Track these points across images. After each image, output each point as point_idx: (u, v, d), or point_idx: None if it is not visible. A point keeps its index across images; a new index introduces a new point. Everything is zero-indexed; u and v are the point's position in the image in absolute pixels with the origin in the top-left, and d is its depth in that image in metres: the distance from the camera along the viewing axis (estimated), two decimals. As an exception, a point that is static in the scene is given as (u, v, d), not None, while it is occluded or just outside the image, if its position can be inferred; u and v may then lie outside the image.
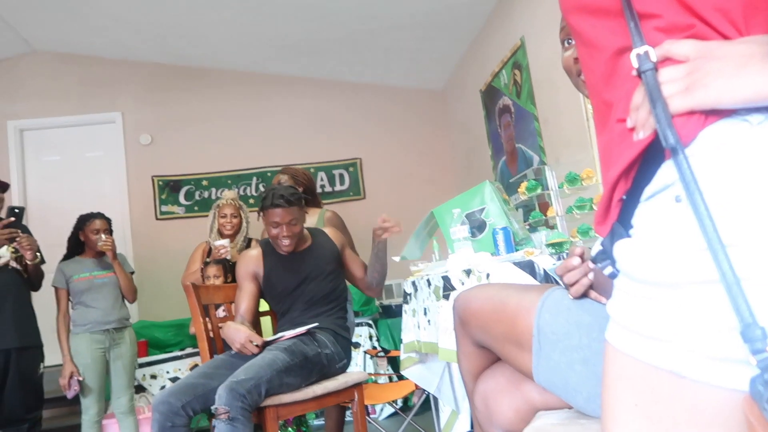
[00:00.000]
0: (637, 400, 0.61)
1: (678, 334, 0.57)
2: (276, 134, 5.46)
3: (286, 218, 2.20)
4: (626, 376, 0.62)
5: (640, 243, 0.63)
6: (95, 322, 3.17)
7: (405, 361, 2.32)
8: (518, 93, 3.93)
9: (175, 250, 4.71)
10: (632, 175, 0.67)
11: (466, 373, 1.29)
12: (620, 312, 0.65)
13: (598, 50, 0.70)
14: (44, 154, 5.22)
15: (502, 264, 1.75)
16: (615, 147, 0.68)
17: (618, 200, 0.69)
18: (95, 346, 3.15)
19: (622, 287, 0.66)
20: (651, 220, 0.63)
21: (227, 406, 1.75)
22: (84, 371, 3.11)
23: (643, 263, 0.62)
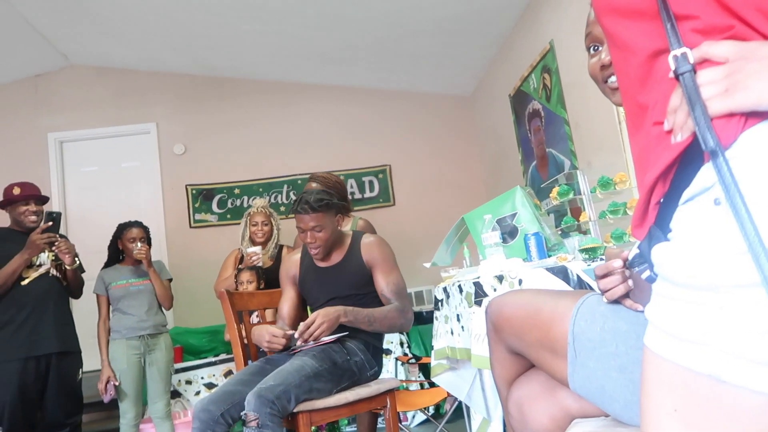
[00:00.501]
0: (676, 405, 0.60)
1: (718, 337, 0.56)
2: (306, 142, 5.52)
3: (310, 224, 2.21)
4: (665, 381, 0.61)
5: (679, 246, 0.62)
6: (130, 328, 3.24)
7: (435, 367, 2.31)
8: (548, 97, 3.90)
9: (209, 257, 4.79)
10: (670, 178, 0.66)
11: (500, 380, 1.28)
12: (659, 316, 0.64)
13: (633, 53, 0.70)
14: (83, 164, 5.38)
15: (534, 270, 1.73)
16: (652, 150, 0.67)
17: (655, 203, 0.68)
18: (131, 352, 3.22)
19: (661, 291, 0.65)
20: (690, 223, 0.62)
21: (256, 412, 1.77)
22: (120, 376, 3.18)
23: (682, 266, 0.61)
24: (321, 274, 2.33)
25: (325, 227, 2.22)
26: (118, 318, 3.27)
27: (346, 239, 2.36)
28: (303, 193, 2.28)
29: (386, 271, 2.27)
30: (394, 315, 2.20)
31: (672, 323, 0.61)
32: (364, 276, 2.28)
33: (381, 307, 2.21)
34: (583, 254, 1.79)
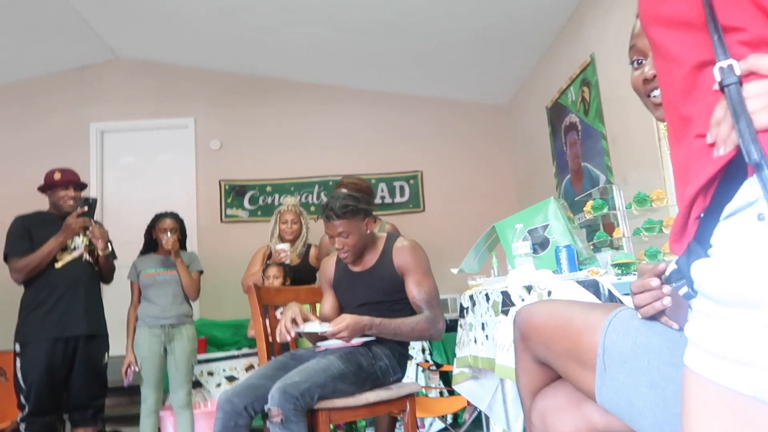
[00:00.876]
0: (719, 427, 0.58)
1: (761, 356, 0.55)
2: (339, 144, 5.56)
3: (337, 230, 2.20)
4: (707, 403, 0.60)
5: (720, 263, 0.61)
6: (154, 317, 3.30)
7: (457, 376, 2.29)
8: (586, 110, 3.85)
9: (238, 252, 4.85)
10: (711, 192, 0.65)
11: (524, 390, 1.26)
12: (700, 335, 0.62)
13: (678, 64, 0.68)
14: (121, 155, 5.52)
15: (564, 282, 1.71)
16: (693, 163, 0.66)
17: (695, 218, 0.66)
18: (153, 340, 3.28)
19: (701, 309, 0.64)
20: (732, 238, 0.61)
21: (279, 407, 1.78)
22: (142, 363, 3.24)
23: (724, 283, 0.59)
24: (353, 279, 2.32)
25: (353, 233, 2.20)
26: (144, 306, 3.34)
27: (379, 243, 2.33)
28: (330, 199, 2.26)
29: (418, 278, 2.22)
30: (423, 327, 2.17)
31: (713, 342, 0.60)
32: (395, 282, 2.25)
33: (410, 319, 2.18)
34: (616, 269, 1.75)
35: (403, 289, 2.24)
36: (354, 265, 2.33)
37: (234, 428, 1.90)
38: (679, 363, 0.96)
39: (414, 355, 3.94)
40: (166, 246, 3.29)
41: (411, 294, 2.21)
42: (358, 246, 2.24)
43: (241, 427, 1.90)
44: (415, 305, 2.22)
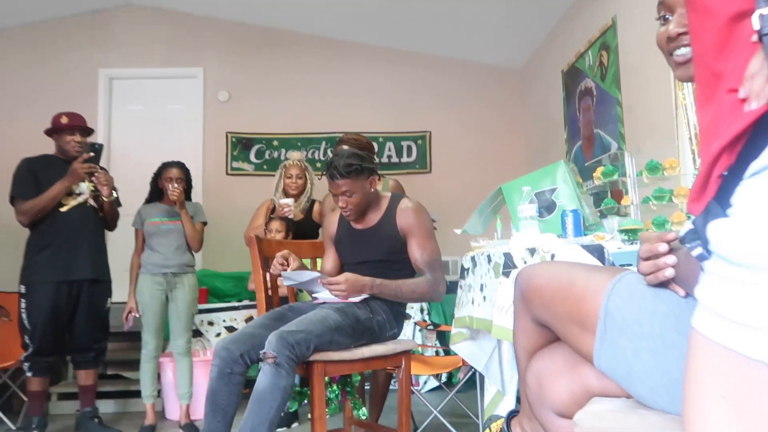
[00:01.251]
0: (725, 392, 0.56)
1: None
2: (349, 101, 5.47)
3: (339, 189, 2.18)
4: (714, 366, 0.58)
5: (741, 222, 0.58)
6: (156, 265, 3.32)
7: (455, 336, 2.30)
8: (603, 76, 3.75)
9: (242, 205, 4.83)
10: (737, 149, 0.61)
11: (521, 350, 1.25)
12: (710, 297, 0.59)
13: (712, 16, 0.64)
14: (129, 103, 5.46)
15: (569, 246, 1.68)
16: (722, 120, 0.62)
17: (718, 176, 0.63)
18: (154, 287, 3.30)
19: (715, 271, 0.61)
20: (756, 198, 0.57)
21: (275, 352, 1.78)
22: (143, 309, 3.27)
23: (743, 244, 0.56)
24: (355, 236, 2.31)
25: (356, 192, 2.19)
26: (147, 254, 3.35)
27: (383, 202, 2.31)
28: (334, 157, 2.23)
29: (421, 240, 2.20)
30: (423, 289, 2.17)
31: (726, 305, 0.57)
32: (397, 243, 2.23)
33: (411, 280, 2.18)
34: (623, 235, 1.72)
35: (404, 249, 2.23)
36: (357, 222, 2.31)
37: (230, 375, 1.91)
38: (683, 330, 0.94)
39: (412, 315, 3.96)
40: (172, 197, 3.28)
41: (413, 256, 2.20)
42: (361, 205, 2.22)
43: (236, 374, 1.92)
44: (417, 267, 2.21)
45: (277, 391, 1.78)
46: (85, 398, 3.23)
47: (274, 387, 1.77)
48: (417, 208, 2.25)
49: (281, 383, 1.78)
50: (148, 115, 5.46)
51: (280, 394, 1.78)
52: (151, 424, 3.24)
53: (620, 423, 0.96)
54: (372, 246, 2.26)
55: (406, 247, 2.23)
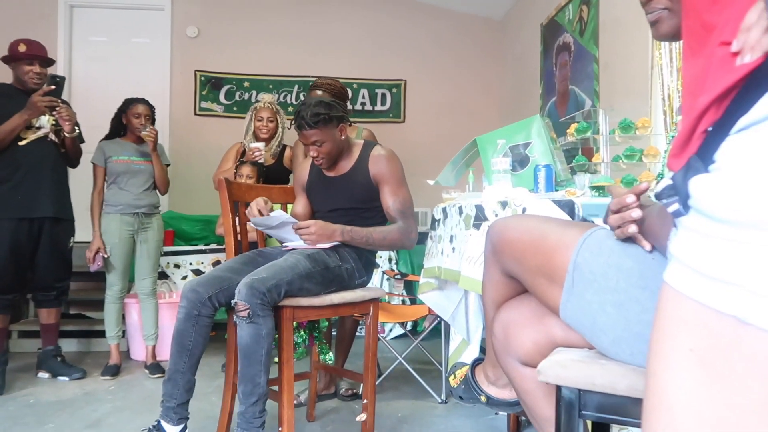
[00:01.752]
0: (693, 345, 0.57)
1: (751, 277, 0.53)
2: (323, 44, 5.32)
3: (309, 140, 2.16)
4: (684, 320, 0.58)
5: (724, 178, 0.57)
6: (127, 204, 3.24)
7: (423, 285, 2.33)
8: (582, 31, 3.72)
9: (211, 147, 4.74)
10: (725, 104, 0.60)
11: (489, 301, 1.27)
12: (688, 252, 0.60)
13: None
14: (92, 33, 5.19)
15: (540, 200, 1.70)
16: (712, 74, 0.61)
17: (702, 132, 0.62)
18: (124, 227, 3.24)
19: (693, 226, 0.61)
20: (741, 153, 0.57)
21: (246, 302, 1.78)
22: (111, 249, 3.21)
23: (725, 200, 0.56)
24: (327, 184, 2.29)
25: (326, 140, 2.16)
26: (114, 192, 3.25)
27: (355, 150, 2.28)
28: (301, 106, 2.17)
29: (394, 188, 2.20)
30: (395, 236, 2.17)
31: (702, 261, 0.57)
32: (369, 190, 2.22)
33: (382, 228, 2.18)
34: (593, 191, 1.74)
35: (376, 197, 2.22)
36: (328, 170, 2.29)
37: (197, 317, 1.91)
38: (647, 285, 0.97)
39: (380, 264, 4.00)
40: (148, 138, 3.18)
41: (386, 203, 2.20)
42: (333, 153, 2.20)
43: (204, 317, 1.91)
44: (389, 215, 2.21)
45: (261, 339, 1.81)
46: (47, 337, 3.20)
47: (256, 337, 1.80)
48: (390, 155, 2.24)
49: (262, 332, 1.80)
50: (111, 48, 5.20)
51: (264, 341, 1.81)
52: (115, 363, 3.24)
53: (582, 372, 1.00)
54: (344, 193, 2.25)
55: (378, 194, 2.22)
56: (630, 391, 0.96)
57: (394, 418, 2.50)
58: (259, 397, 1.83)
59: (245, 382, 1.83)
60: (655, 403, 0.60)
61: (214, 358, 3.46)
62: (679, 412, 0.57)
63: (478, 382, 1.36)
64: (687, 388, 0.57)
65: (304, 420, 2.44)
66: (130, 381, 3.12)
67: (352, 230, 2.11)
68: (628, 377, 0.96)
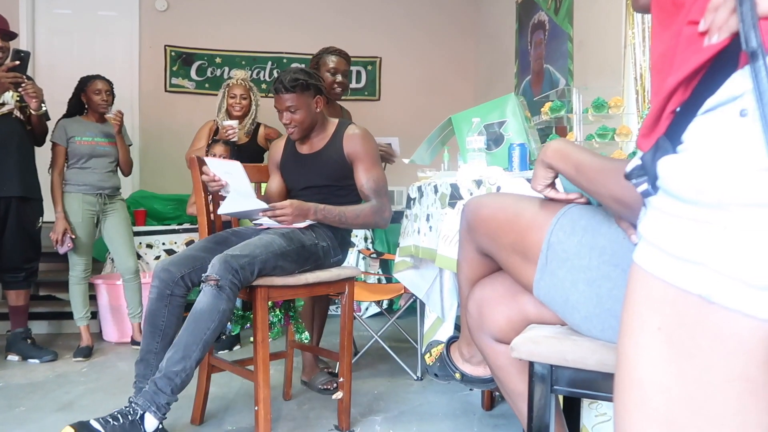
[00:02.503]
0: (661, 323, 0.58)
1: (715, 257, 0.54)
2: (298, 20, 5.22)
3: (284, 105, 2.14)
4: (652, 299, 0.59)
5: (691, 159, 0.58)
6: (90, 185, 3.18)
7: (398, 264, 2.34)
8: (557, 9, 3.72)
9: (182, 124, 4.64)
10: (693, 84, 0.60)
11: (464, 279, 1.28)
12: (655, 233, 0.60)
13: None
14: (55, 5, 5.00)
15: (514, 179, 1.71)
16: (680, 53, 0.61)
17: (671, 111, 0.63)
18: (86, 207, 3.18)
19: (660, 206, 0.61)
20: (708, 134, 0.57)
21: (218, 275, 1.76)
22: (74, 230, 3.15)
23: (691, 181, 0.57)
24: (301, 161, 2.27)
25: (301, 108, 2.15)
26: (75, 173, 3.18)
27: (329, 127, 2.27)
28: (283, 72, 2.18)
29: (368, 166, 2.18)
30: (368, 214, 2.16)
31: (669, 241, 0.58)
32: (343, 168, 2.21)
33: (355, 206, 2.17)
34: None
35: (350, 175, 2.21)
36: (302, 146, 2.27)
37: (170, 297, 1.88)
38: (619, 263, 0.98)
39: (356, 243, 4.00)
40: (113, 121, 3.11)
41: (359, 182, 2.20)
42: (305, 123, 2.18)
43: (176, 296, 1.89)
44: (362, 193, 2.20)
45: (216, 313, 1.76)
46: (16, 319, 3.13)
47: (213, 308, 1.75)
48: (364, 134, 2.22)
49: (221, 306, 1.76)
50: (77, 20, 5.03)
51: (218, 316, 1.76)
52: (87, 345, 3.20)
53: (555, 347, 1.02)
54: (317, 171, 2.23)
55: (352, 173, 2.21)
56: (600, 366, 0.98)
57: (371, 395, 2.53)
58: (183, 370, 1.71)
59: (177, 348, 1.74)
60: (626, 380, 0.61)
61: (189, 338, 3.43)
62: (648, 389, 0.58)
63: (453, 359, 1.38)
64: (656, 365, 0.58)
65: (280, 399, 2.45)
66: (103, 362, 3.09)
67: (326, 209, 2.11)
68: (599, 352, 0.98)
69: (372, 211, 2.17)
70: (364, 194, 2.20)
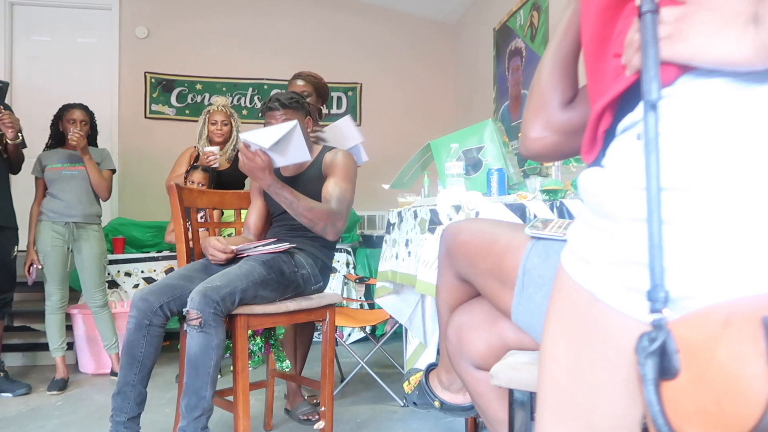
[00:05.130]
0: (560, 307, 0.70)
1: (603, 259, 0.62)
2: (278, 46, 5.26)
3: (278, 120, 2.14)
4: (560, 287, 0.70)
5: (597, 174, 0.66)
6: (58, 213, 3.14)
7: (379, 290, 2.33)
8: (533, 36, 3.80)
9: (162, 151, 4.62)
10: (614, 110, 0.68)
11: (444, 304, 1.28)
12: (571, 233, 0.70)
13: None
14: (34, 32, 4.99)
15: (493, 204, 1.72)
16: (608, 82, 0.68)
17: (602, 132, 0.70)
18: (54, 235, 3.13)
19: (579, 212, 0.71)
20: (614, 153, 0.65)
21: (199, 311, 1.74)
22: (44, 259, 3.10)
23: (594, 193, 0.65)
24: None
25: None
26: (47, 201, 3.15)
27: (314, 151, 2.29)
28: (273, 94, 2.20)
29: (338, 180, 2.14)
30: (321, 214, 2.05)
31: (576, 242, 0.67)
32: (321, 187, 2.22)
33: (313, 200, 2.08)
34: (544, 195, 1.78)
35: None
36: (286, 169, 2.27)
37: (148, 327, 1.85)
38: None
39: (338, 269, 3.98)
40: (72, 141, 3.05)
41: (326, 188, 2.14)
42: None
43: (155, 326, 1.86)
44: (324, 199, 2.13)
45: (210, 350, 1.75)
46: (-12, 351, 3.05)
47: (206, 348, 1.75)
48: (345, 155, 2.24)
49: (212, 342, 1.75)
50: (56, 48, 5.01)
51: (214, 352, 1.76)
52: (62, 377, 3.12)
53: (533, 374, 1.01)
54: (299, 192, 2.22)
55: None
56: (579, 392, 0.97)
57: (353, 423, 2.49)
58: (203, 411, 1.77)
59: (190, 395, 1.77)
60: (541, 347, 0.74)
61: (168, 368, 3.37)
62: (546, 357, 0.71)
63: (432, 387, 1.37)
64: (552, 336, 0.71)
65: (261, 429, 2.40)
66: (79, 395, 3.01)
67: (284, 185, 2.03)
68: (578, 378, 0.98)
69: (327, 213, 2.06)
70: (326, 199, 2.12)
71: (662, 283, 0.55)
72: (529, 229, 1.06)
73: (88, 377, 3.35)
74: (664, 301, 0.55)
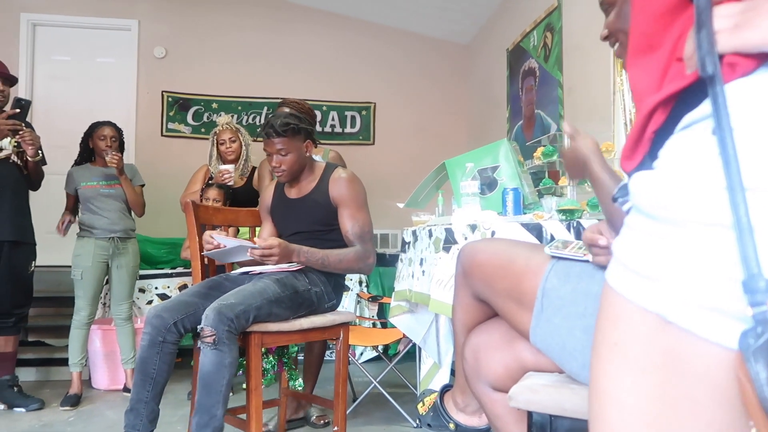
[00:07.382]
0: (618, 339, 0.57)
1: (673, 276, 0.53)
2: (293, 66, 5.33)
3: (274, 148, 2.15)
4: (613, 315, 0.59)
5: (659, 174, 0.57)
6: (101, 229, 3.19)
7: (394, 309, 2.32)
8: (546, 57, 3.81)
9: (178, 169, 4.66)
10: (671, 106, 0.61)
11: (460, 325, 1.27)
12: (622, 249, 0.60)
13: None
14: (55, 52, 5.10)
15: (509, 223, 1.72)
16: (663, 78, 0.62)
17: (651, 132, 0.63)
18: (98, 252, 3.17)
19: (629, 223, 0.60)
20: (679, 150, 0.57)
21: (213, 328, 1.74)
22: (83, 273, 3.13)
23: (656, 196, 0.56)
24: (289, 205, 2.27)
25: (291, 152, 2.16)
26: (88, 217, 3.21)
27: (317, 171, 2.28)
28: (271, 116, 2.20)
29: (352, 212, 2.16)
30: (351, 259, 2.13)
31: (632, 257, 0.57)
32: (329, 212, 2.20)
33: (339, 250, 2.14)
34: (560, 215, 1.77)
35: (336, 219, 2.21)
36: (290, 190, 2.28)
37: (162, 344, 1.85)
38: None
39: (351, 287, 3.97)
40: (111, 163, 3.11)
41: (344, 227, 2.18)
42: (295, 167, 2.19)
43: (169, 343, 1.86)
44: (347, 239, 2.18)
45: (223, 368, 1.75)
46: (3, 366, 3.06)
47: (219, 366, 1.75)
48: (350, 178, 2.23)
49: (225, 360, 1.75)
50: (76, 67, 5.12)
51: (227, 370, 1.76)
52: (76, 393, 3.12)
53: (553, 396, 1.00)
54: (304, 215, 2.23)
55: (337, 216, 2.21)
56: (599, 415, 0.96)
57: (365, 443, 2.46)
58: (214, 430, 1.76)
59: (201, 413, 1.76)
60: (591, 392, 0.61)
61: (180, 385, 3.36)
62: (605, 401, 0.59)
63: (447, 409, 1.36)
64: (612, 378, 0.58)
65: (272, 448, 2.38)
66: (91, 411, 3.01)
67: (309, 251, 2.08)
68: (598, 402, 0.97)
69: (356, 257, 2.14)
70: (349, 239, 2.17)
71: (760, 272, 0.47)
72: (549, 248, 1.06)
73: (100, 393, 3.35)
74: (765, 291, 0.46)
